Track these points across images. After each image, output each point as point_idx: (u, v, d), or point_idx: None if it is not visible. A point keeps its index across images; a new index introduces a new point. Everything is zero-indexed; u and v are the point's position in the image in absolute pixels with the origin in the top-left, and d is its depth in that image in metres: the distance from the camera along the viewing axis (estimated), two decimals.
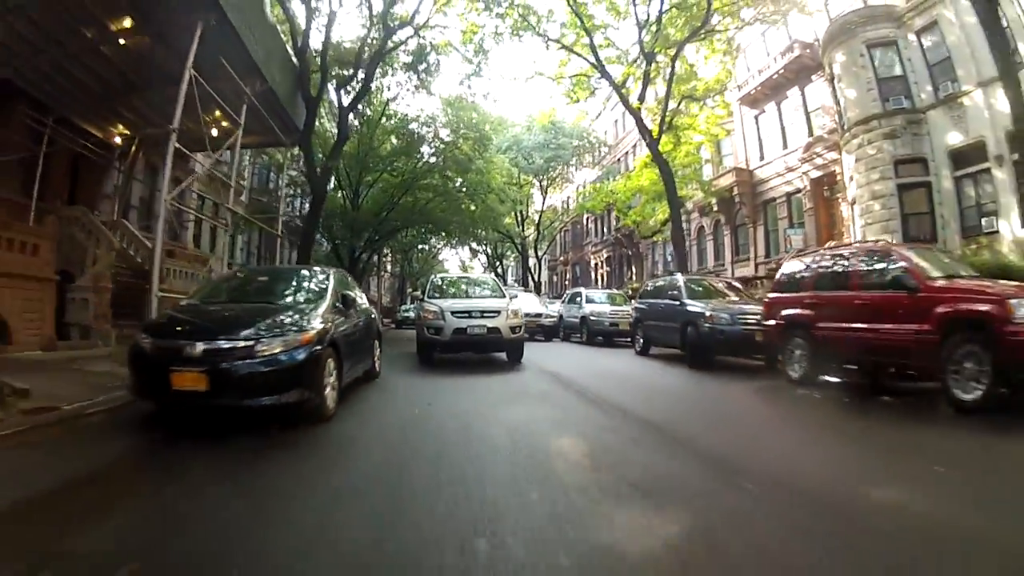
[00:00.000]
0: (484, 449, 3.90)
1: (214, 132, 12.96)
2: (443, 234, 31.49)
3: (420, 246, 40.47)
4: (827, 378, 6.82)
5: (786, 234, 21.99)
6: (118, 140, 15.88)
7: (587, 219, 44.11)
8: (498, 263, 47.28)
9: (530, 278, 39.78)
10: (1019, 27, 13.58)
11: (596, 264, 43.36)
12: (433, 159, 21.33)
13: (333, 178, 19.99)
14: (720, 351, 8.57)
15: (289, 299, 5.50)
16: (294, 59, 13.11)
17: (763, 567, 2.12)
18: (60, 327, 9.85)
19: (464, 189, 21.94)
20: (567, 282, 49.59)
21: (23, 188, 12.71)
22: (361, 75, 14.46)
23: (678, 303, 9.57)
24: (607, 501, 2.81)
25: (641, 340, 11.36)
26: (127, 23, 9.86)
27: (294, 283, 5.95)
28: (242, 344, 4.08)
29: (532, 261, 42.11)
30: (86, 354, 8.48)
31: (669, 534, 2.40)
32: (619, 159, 36.97)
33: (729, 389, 7.01)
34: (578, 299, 16.59)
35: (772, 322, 7.38)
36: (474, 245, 43.42)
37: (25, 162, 12.50)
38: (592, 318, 14.77)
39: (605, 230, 39.95)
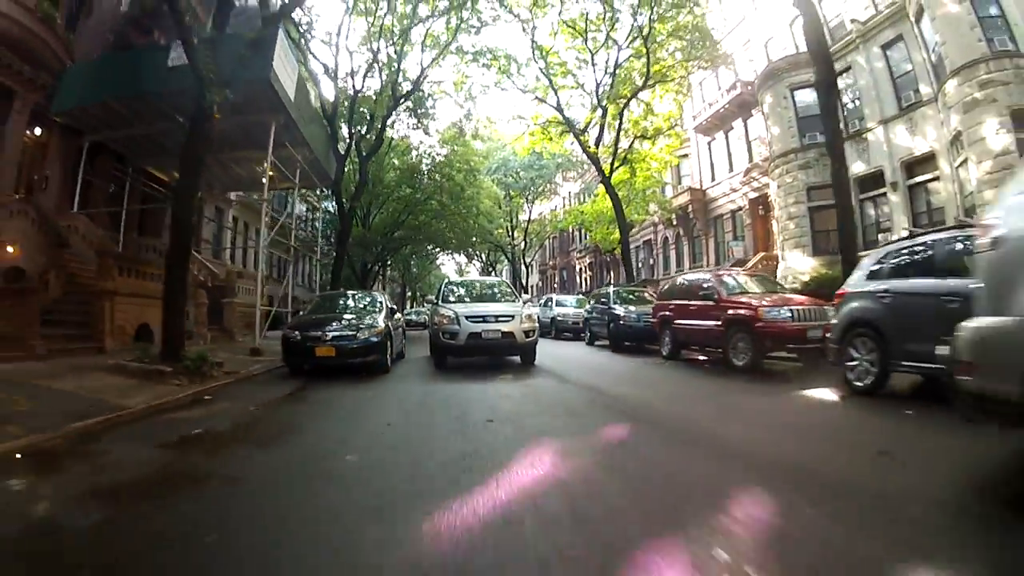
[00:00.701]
0: (474, 385, 7.77)
1: (264, 179, 17.07)
2: (440, 245, 35.68)
3: (420, 254, 44.58)
4: (682, 354, 10.90)
5: (729, 245, 26.05)
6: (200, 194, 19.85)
7: (572, 227, 48.36)
8: (491, 269, 51.48)
9: (517, 281, 43.90)
10: (923, 71, 17.39)
11: (580, 268, 47.47)
12: (431, 188, 25.43)
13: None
14: (630, 339, 12.67)
15: (364, 310, 9.69)
16: (327, 127, 17.16)
17: (616, 437, 6.14)
18: None
19: (458, 213, 26.15)
20: (555, 285, 53.73)
21: (113, 223, 16.69)
22: (375, 133, 18.53)
23: (607, 307, 13.69)
24: (547, 414, 5.57)
25: (588, 334, 15.49)
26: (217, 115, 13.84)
27: (364, 301, 10.18)
28: (349, 333, 8.24)
29: (521, 267, 46.37)
30: (203, 348, 12.48)
31: (579, 425, 5.29)
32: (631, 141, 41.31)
33: (627, 362, 11.03)
34: (550, 303, 20.77)
35: (654, 320, 11.46)
36: (470, 251, 47.65)
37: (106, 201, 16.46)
38: (559, 318, 18.89)
39: (587, 238, 44.15)
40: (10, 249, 12.49)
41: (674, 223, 29.33)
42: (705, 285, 9.96)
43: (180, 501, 3.17)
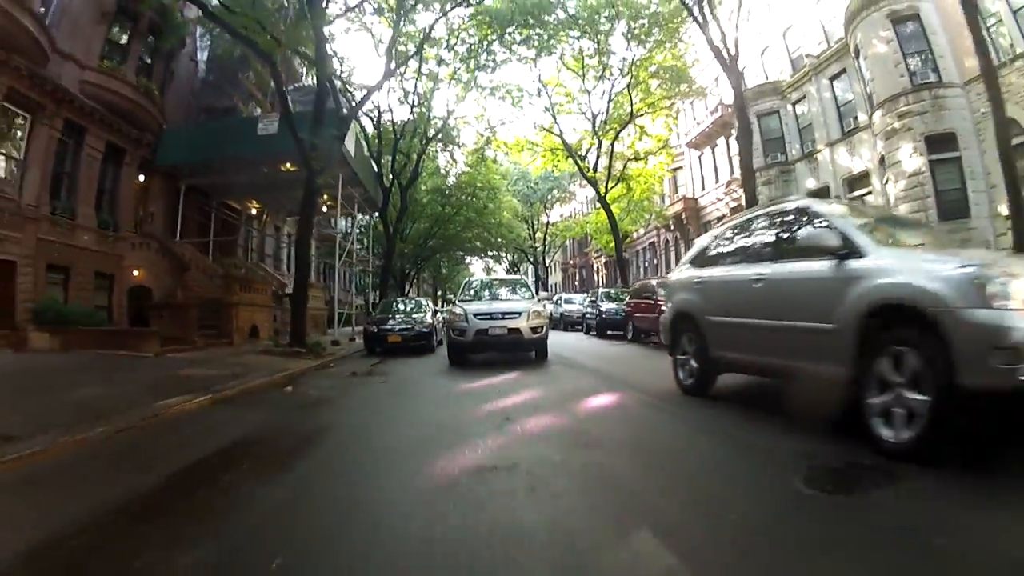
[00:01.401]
0: (494, 354, 11.95)
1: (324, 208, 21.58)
2: (468, 252, 40.23)
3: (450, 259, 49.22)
4: (643, 338, 14.98)
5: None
6: (253, 212, 24.62)
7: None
8: (516, 269, 55.85)
9: (539, 282, 48.19)
10: (860, 101, 20.93)
11: (597, 268, 51.45)
12: (458, 204, 29.86)
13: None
14: (610, 328, 16.78)
15: (415, 310, 14.11)
16: (374, 165, 21.65)
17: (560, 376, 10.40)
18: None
19: (482, 224, 30.55)
20: (576, 283, 57.80)
21: (202, 247, 21.15)
22: (412, 165, 22.95)
23: (596, 304, 17.81)
24: (533, 364, 10.52)
25: (585, 325, 19.64)
26: (293, 168, 18.27)
27: (414, 304, 14.60)
28: (407, 326, 12.69)
29: (542, 267, 50.65)
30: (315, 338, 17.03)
31: (550, 370, 10.18)
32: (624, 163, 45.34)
33: (602, 344, 15.15)
34: (559, 301, 24.98)
35: (624, 314, 15.58)
36: (495, 253, 52.20)
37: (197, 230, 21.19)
38: (566, 313, 23.07)
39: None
40: (136, 273, 17.23)
41: (671, 228, 33.20)
42: (648, 289, 14.07)
43: (361, 391, 7.50)
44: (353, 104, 16.76)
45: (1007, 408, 3.10)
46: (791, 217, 4.98)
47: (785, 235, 4.90)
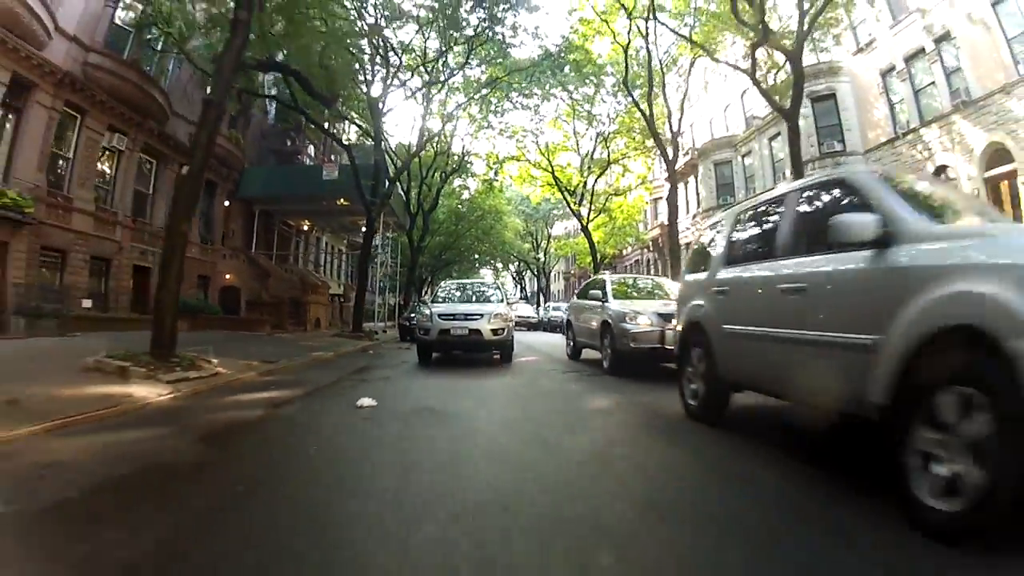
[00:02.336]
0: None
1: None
2: (478, 263, 46.31)
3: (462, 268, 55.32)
4: None
5: (684, 271, 35.59)
6: (305, 227, 30.75)
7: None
8: (520, 277, 61.79)
9: (540, 290, 54.05)
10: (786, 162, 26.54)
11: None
12: (469, 224, 35.83)
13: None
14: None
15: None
16: (403, 196, 27.53)
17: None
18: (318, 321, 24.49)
19: (489, 243, 36.56)
20: (576, 291, 63.68)
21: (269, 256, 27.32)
22: (433, 195, 28.86)
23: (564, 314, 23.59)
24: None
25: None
26: (346, 203, 24.22)
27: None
28: None
29: (544, 277, 56.56)
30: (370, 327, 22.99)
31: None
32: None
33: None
34: (547, 308, 30.74)
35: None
36: (500, 264, 58.35)
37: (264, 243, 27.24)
38: (551, 318, 28.77)
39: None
40: (227, 276, 23.23)
41: (651, 249, 38.93)
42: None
43: (404, 356, 13.28)
44: (397, 165, 22.64)
45: None
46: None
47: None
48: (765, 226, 4.50)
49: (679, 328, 5.69)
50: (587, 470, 3.67)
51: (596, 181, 29.51)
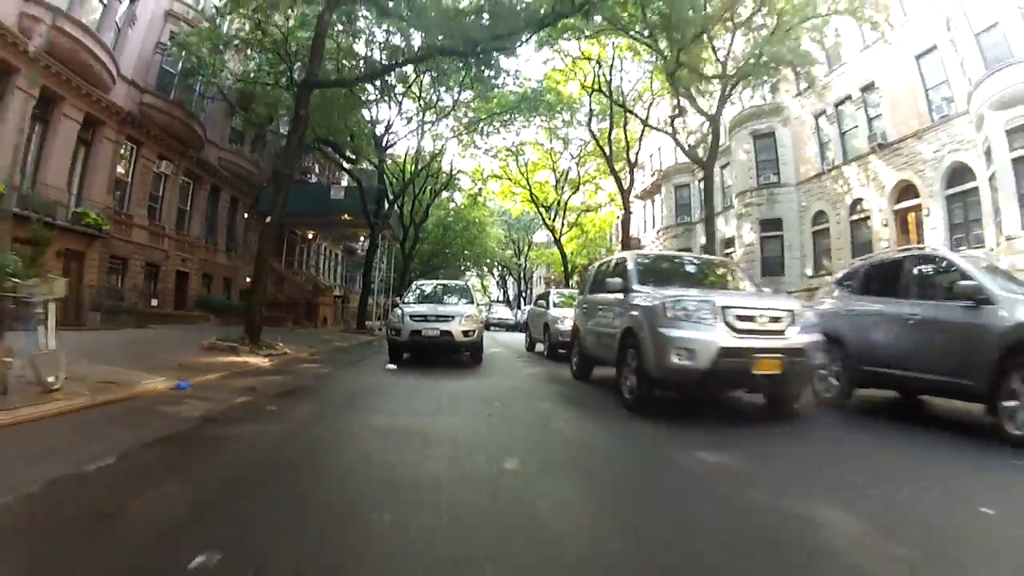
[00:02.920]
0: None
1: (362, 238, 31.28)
2: (463, 268, 50.13)
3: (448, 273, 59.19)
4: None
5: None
6: (310, 236, 34.36)
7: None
8: (503, 283, 65.67)
9: (520, 294, 57.97)
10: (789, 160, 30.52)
11: (572, 284, 61.40)
12: (455, 233, 39.65)
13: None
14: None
15: None
16: (398, 211, 31.23)
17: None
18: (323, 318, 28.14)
19: (473, 253, 40.44)
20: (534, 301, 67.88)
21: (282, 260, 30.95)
22: (424, 210, 32.61)
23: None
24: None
25: None
26: (350, 218, 27.84)
27: None
28: None
29: (524, 282, 60.50)
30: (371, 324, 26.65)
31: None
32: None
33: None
34: (523, 310, 34.58)
35: None
36: (484, 270, 62.31)
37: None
38: (524, 319, 32.59)
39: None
40: (248, 279, 26.74)
41: None
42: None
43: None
44: (394, 184, 26.38)
45: None
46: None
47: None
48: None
49: (569, 327, 10.00)
50: (505, 385, 7.57)
51: (570, 198, 33.37)
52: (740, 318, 5.39)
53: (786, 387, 5.78)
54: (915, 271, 6.23)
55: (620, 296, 6.77)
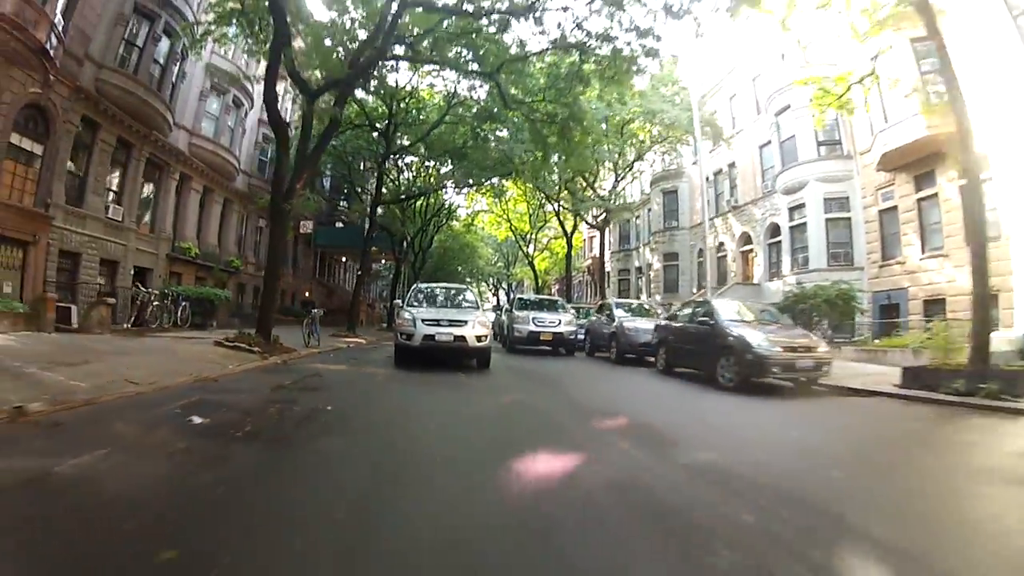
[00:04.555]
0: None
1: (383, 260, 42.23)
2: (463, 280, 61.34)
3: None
4: None
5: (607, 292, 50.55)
6: (343, 259, 45.48)
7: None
8: (496, 292, 76.87)
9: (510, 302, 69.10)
10: (685, 211, 41.63)
11: (552, 293, 72.34)
12: (452, 254, 50.82)
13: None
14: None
15: None
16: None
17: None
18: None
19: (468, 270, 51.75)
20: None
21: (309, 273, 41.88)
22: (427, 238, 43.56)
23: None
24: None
25: None
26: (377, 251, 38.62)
27: None
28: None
29: (514, 292, 71.60)
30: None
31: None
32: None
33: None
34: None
35: None
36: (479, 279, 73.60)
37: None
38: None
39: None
40: (307, 293, 37.88)
41: (587, 274, 53.95)
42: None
43: None
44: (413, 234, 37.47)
45: None
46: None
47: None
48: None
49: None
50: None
51: (540, 229, 44.43)
52: (535, 321, 17.46)
53: (557, 346, 17.51)
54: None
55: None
